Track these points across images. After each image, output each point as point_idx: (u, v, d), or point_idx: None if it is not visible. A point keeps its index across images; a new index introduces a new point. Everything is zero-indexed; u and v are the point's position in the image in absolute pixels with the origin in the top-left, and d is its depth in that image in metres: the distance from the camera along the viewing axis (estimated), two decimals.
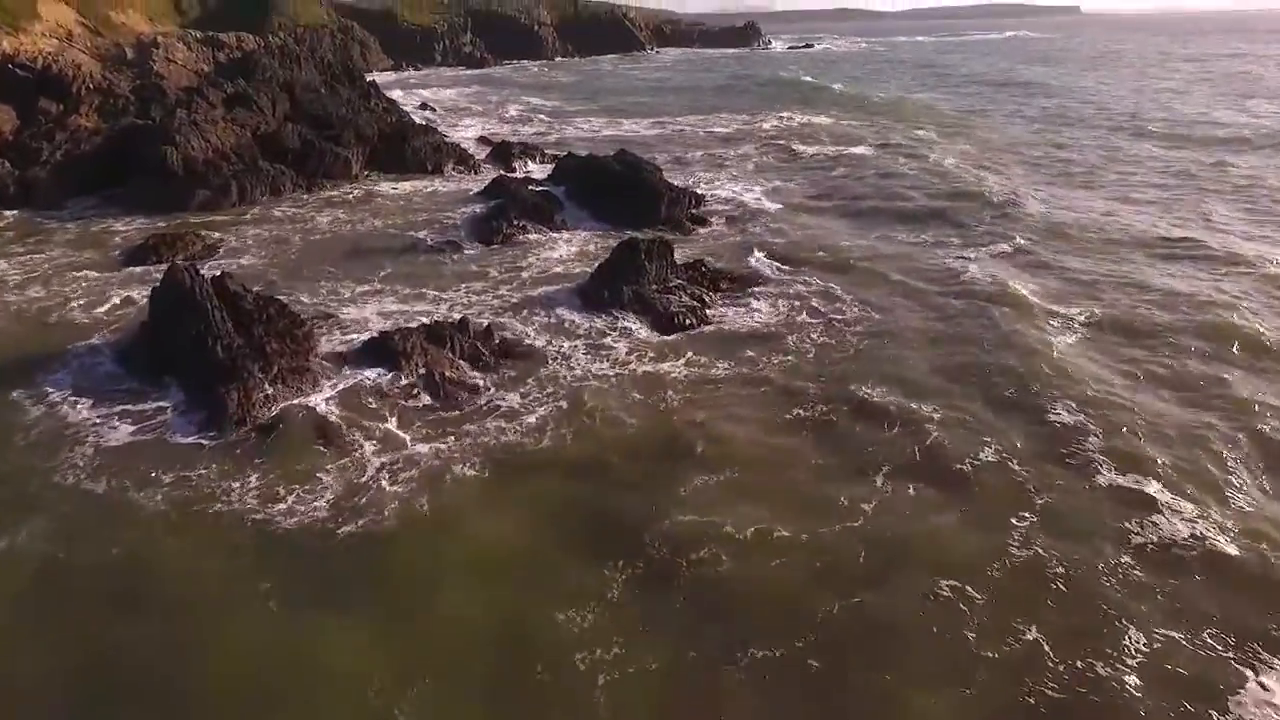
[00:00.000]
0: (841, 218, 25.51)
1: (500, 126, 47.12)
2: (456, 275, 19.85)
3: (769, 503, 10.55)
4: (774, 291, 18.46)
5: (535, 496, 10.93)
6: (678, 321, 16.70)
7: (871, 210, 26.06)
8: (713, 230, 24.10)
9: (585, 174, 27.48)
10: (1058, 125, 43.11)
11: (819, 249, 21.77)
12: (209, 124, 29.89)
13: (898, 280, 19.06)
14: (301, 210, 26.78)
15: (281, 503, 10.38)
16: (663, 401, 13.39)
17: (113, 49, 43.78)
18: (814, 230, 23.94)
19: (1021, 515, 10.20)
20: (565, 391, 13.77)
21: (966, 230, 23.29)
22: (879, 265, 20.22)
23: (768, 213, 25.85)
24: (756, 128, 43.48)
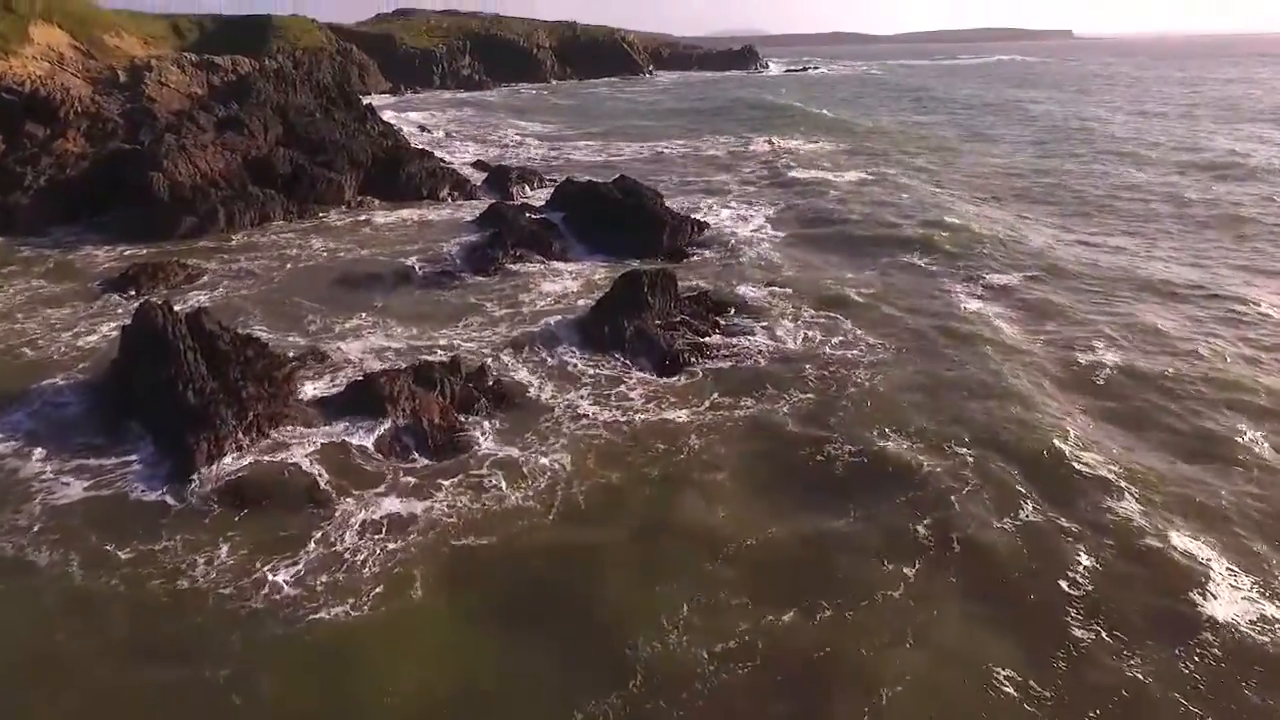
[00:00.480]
0: (838, 247, 24.54)
1: (498, 150, 46.56)
2: (451, 308, 18.94)
3: (782, 600, 9.12)
4: (776, 325, 17.55)
5: (518, 590, 9.56)
6: (681, 360, 15.80)
7: (867, 239, 25.06)
8: (712, 258, 23.28)
9: (584, 201, 26.71)
10: (1052, 153, 41.94)
11: (817, 280, 20.92)
12: (198, 149, 29.10)
13: (897, 317, 18.08)
14: (291, 238, 25.92)
15: (248, 576, 9.30)
16: (668, 462, 12.29)
17: (105, 72, 43.20)
18: (812, 260, 23.10)
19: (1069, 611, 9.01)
20: (563, 444, 12.76)
21: (963, 264, 22.17)
22: (877, 299, 19.29)
23: (766, 240, 25.09)
24: (753, 152, 43.07)
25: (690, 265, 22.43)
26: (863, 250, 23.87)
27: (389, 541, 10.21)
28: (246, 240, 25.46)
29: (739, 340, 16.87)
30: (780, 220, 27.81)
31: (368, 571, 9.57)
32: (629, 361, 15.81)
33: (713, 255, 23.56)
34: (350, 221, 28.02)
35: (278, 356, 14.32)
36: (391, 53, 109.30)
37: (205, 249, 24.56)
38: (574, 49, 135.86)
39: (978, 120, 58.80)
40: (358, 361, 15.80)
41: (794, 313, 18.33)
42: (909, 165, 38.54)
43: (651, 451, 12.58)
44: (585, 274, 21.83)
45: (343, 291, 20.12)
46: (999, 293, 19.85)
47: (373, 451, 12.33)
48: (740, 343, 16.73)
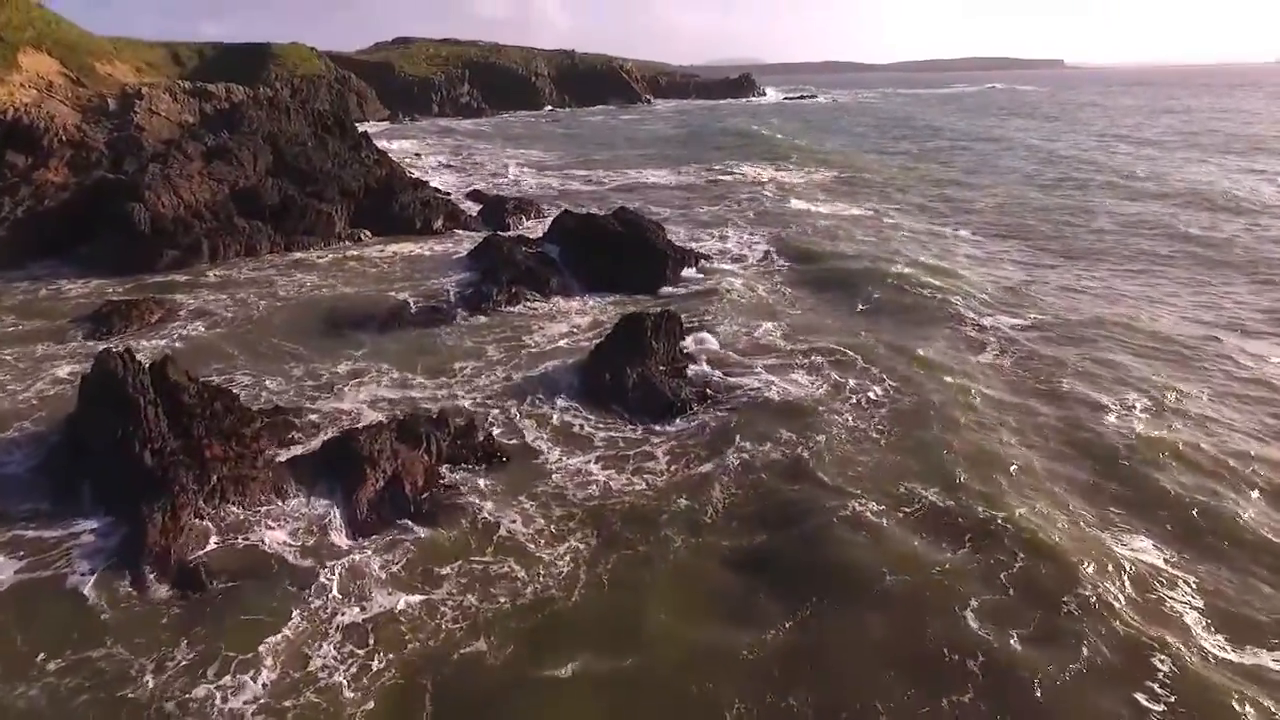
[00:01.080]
0: (834, 285, 22.93)
1: (494, 179, 45.78)
2: (442, 352, 17.76)
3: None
4: (777, 369, 16.37)
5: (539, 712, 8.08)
6: (688, 408, 14.64)
7: (863, 277, 23.34)
8: (712, 293, 22.07)
9: (583, 233, 25.67)
10: (1053, 190, 39.79)
11: (814, 322, 19.71)
12: (183, 178, 28.14)
13: (902, 368, 16.36)
14: (277, 272, 24.84)
15: (200, 695, 7.94)
16: (689, 532, 11.06)
17: (95, 100, 42.40)
18: (807, 299, 21.86)
19: None
20: (569, 512, 11.51)
21: (961, 308, 20.36)
22: (874, 343, 17.82)
23: (763, 276, 23.82)
24: (750, 182, 42.18)
25: (689, 300, 21.33)
26: (858, 290, 22.03)
27: (378, 650, 8.64)
28: (230, 275, 24.36)
29: (747, 381, 15.72)
30: (777, 255, 26.35)
31: (351, 692, 8.07)
32: (632, 411, 14.65)
33: (712, 290, 22.29)
34: (340, 255, 26.96)
35: (248, 411, 13.11)
36: (390, 81, 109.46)
37: (186, 284, 23.45)
38: (573, 77, 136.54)
39: (977, 153, 58.04)
40: (339, 412, 14.60)
41: (791, 356, 17.12)
42: (907, 200, 37.54)
43: (669, 515, 11.35)
44: (584, 312, 20.74)
45: (329, 332, 18.95)
46: (999, 341, 18.13)
47: (351, 524, 11.08)
48: (749, 386, 15.56)
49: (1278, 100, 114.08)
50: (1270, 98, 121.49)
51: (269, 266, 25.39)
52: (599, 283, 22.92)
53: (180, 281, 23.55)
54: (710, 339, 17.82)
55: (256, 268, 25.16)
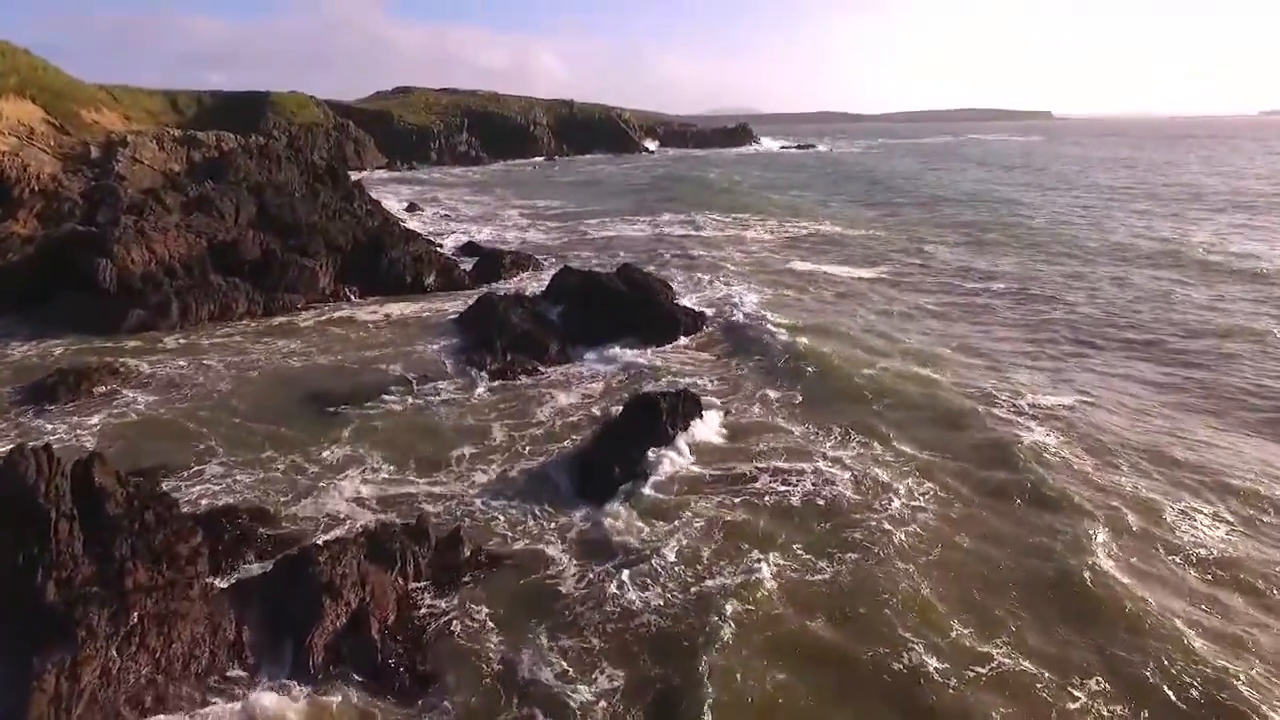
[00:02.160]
0: (843, 362, 19.69)
1: (491, 229, 44.25)
2: (434, 435, 15.58)
3: None
4: (800, 456, 14.28)
5: None
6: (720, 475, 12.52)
7: (882, 349, 20.77)
8: (723, 361, 20.09)
9: (585, 292, 23.80)
10: (1064, 257, 34.90)
11: (840, 389, 17.54)
12: (157, 231, 26.34)
13: (939, 469, 13.87)
14: (252, 336, 22.80)
15: None
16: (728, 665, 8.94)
17: (78, 148, 40.89)
18: (818, 371, 18.96)
19: None
20: (577, 649, 9.34)
21: (1000, 386, 17.77)
22: (912, 426, 15.50)
23: (776, 339, 20.96)
24: (755, 236, 40.36)
25: (704, 366, 19.33)
26: (864, 375, 19.91)
27: None
28: (200, 339, 22.29)
29: (768, 466, 13.62)
30: (784, 310, 24.08)
31: None
32: (647, 512, 12.50)
33: (723, 357, 20.30)
34: (323, 317, 24.95)
35: (186, 522, 10.87)
36: (389, 129, 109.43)
37: (150, 348, 21.38)
38: (571, 126, 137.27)
39: (995, 212, 56.37)
40: (309, 517, 12.39)
41: (816, 433, 15.07)
42: (925, 260, 35.75)
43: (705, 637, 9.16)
44: (589, 382, 18.67)
45: (304, 412, 16.78)
46: (1056, 423, 15.74)
47: (299, 684, 8.81)
48: (770, 472, 13.44)
49: (1228, 152, 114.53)
50: (1222, 150, 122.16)
51: (244, 329, 23.36)
52: (606, 347, 20.95)
53: (144, 346, 21.47)
54: (715, 417, 15.68)
55: (230, 331, 23.11)
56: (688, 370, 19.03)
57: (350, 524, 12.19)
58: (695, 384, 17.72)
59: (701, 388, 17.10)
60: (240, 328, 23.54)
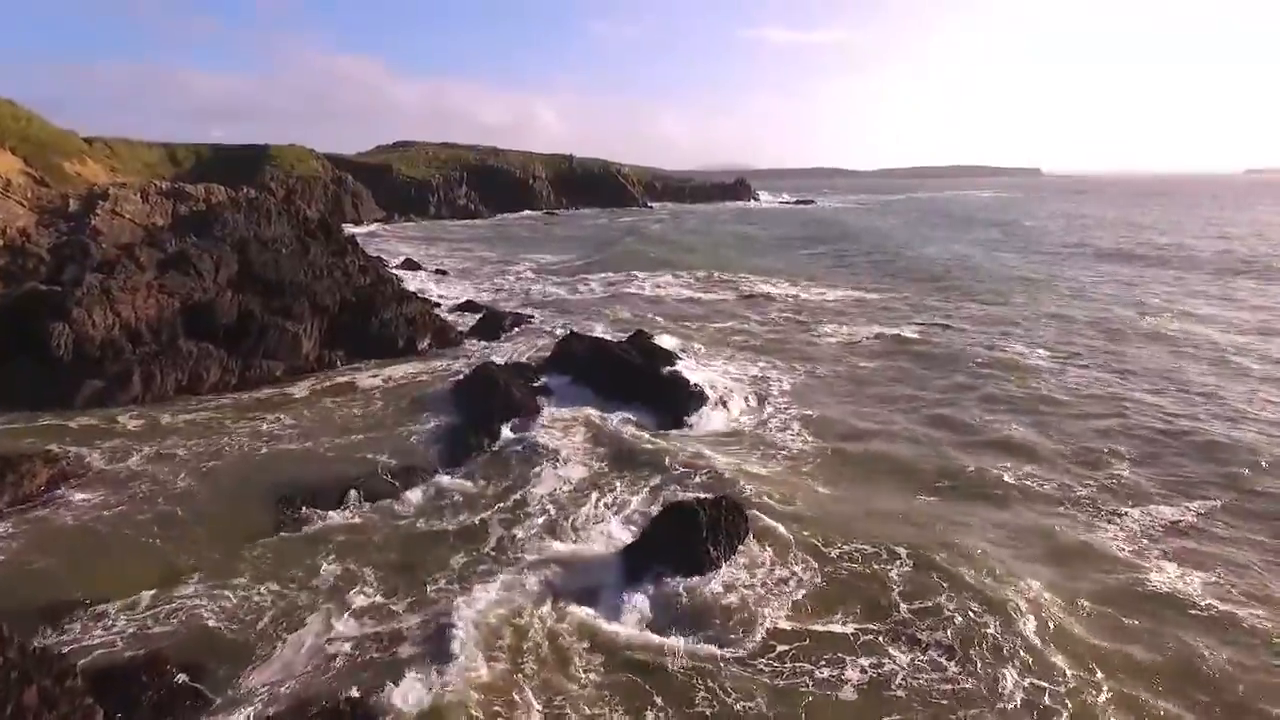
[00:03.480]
0: (882, 456, 17.05)
1: (490, 285, 42.21)
2: (412, 550, 12.95)
3: None
4: (851, 585, 11.72)
5: None
6: (770, 648, 9.92)
7: (929, 440, 17.87)
8: (743, 448, 17.58)
9: (592, 362, 21.48)
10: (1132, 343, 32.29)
11: (866, 507, 14.75)
12: (126, 291, 24.04)
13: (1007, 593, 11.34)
14: (221, 412, 20.26)
15: None
16: None
17: (56, 201, 38.91)
18: (852, 473, 16.19)
19: None
20: None
21: (1084, 498, 15.04)
22: (974, 548, 12.68)
23: (790, 430, 18.38)
24: (766, 298, 37.86)
25: (720, 454, 16.77)
26: (922, 457, 16.77)
27: None
28: (163, 415, 19.74)
29: (818, 597, 11.02)
30: (803, 398, 20.98)
31: None
32: (692, 646, 9.89)
33: (739, 444, 17.64)
34: (301, 389, 22.47)
35: (81, 701, 8.18)
36: (388, 182, 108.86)
37: (103, 428, 18.81)
38: (570, 180, 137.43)
39: (1023, 291, 55.37)
40: (255, 692, 9.69)
41: (849, 556, 12.51)
42: (958, 323, 33.59)
43: None
44: (601, 470, 16.14)
45: (268, 518, 14.06)
46: (1180, 541, 13.17)
47: None
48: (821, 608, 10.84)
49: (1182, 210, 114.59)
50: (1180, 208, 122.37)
51: (211, 405, 20.82)
52: (617, 424, 18.48)
53: (96, 425, 18.90)
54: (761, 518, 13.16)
55: (197, 405, 20.57)
56: (718, 463, 16.47)
57: (313, 689, 9.50)
58: (730, 471, 15.24)
59: (738, 488, 14.53)
60: (209, 402, 21.03)
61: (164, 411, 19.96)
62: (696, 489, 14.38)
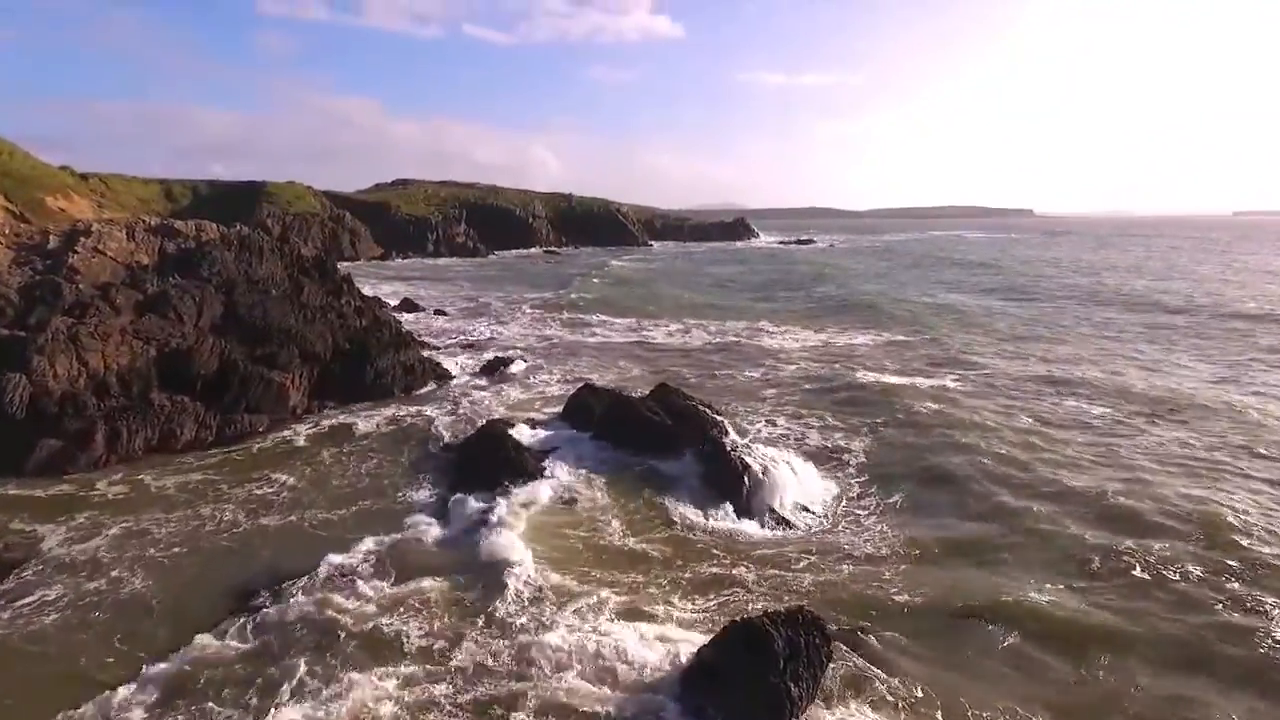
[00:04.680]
0: (960, 524, 15.13)
1: (492, 326, 40.08)
2: (407, 660, 10.59)
3: None
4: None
5: None
6: None
7: (995, 515, 15.46)
8: (816, 536, 15.23)
9: (611, 420, 19.19)
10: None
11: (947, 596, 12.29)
12: (96, 337, 21.87)
13: None
14: (194, 475, 17.91)
15: None
16: None
17: (36, 237, 36.80)
18: (934, 556, 13.97)
19: None
20: None
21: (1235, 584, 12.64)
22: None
23: (866, 522, 15.56)
24: (793, 345, 35.63)
25: (779, 547, 14.39)
26: (1010, 530, 14.73)
27: None
28: (125, 480, 17.39)
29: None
30: (870, 468, 18.16)
31: None
32: None
33: (804, 540, 14.78)
34: (285, 447, 20.12)
35: None
36: (386, 219, 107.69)
37: (54, 497, 16.42)
38: (570, 219, 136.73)
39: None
40: None
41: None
42: (1018, 375, 31.04)
43: None
44: (627, 557, 13.77)
45: (229, 623, 11.69)
46: None
47: None
48: None
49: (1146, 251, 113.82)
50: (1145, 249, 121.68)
51: (184, 465, 18.48)
52: (645, 499, 16.17)
53: (45, 495, 16.51)
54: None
55: (163, 470, 18.17)
56: (781, 563, 14.07)
57: None
58: (798, 576, 12.91)
59: (811, 596, 12.14)
60: (179, 463, 18.66)
61: (127, 474, 17.59)
62: (761, 596, 12.02)
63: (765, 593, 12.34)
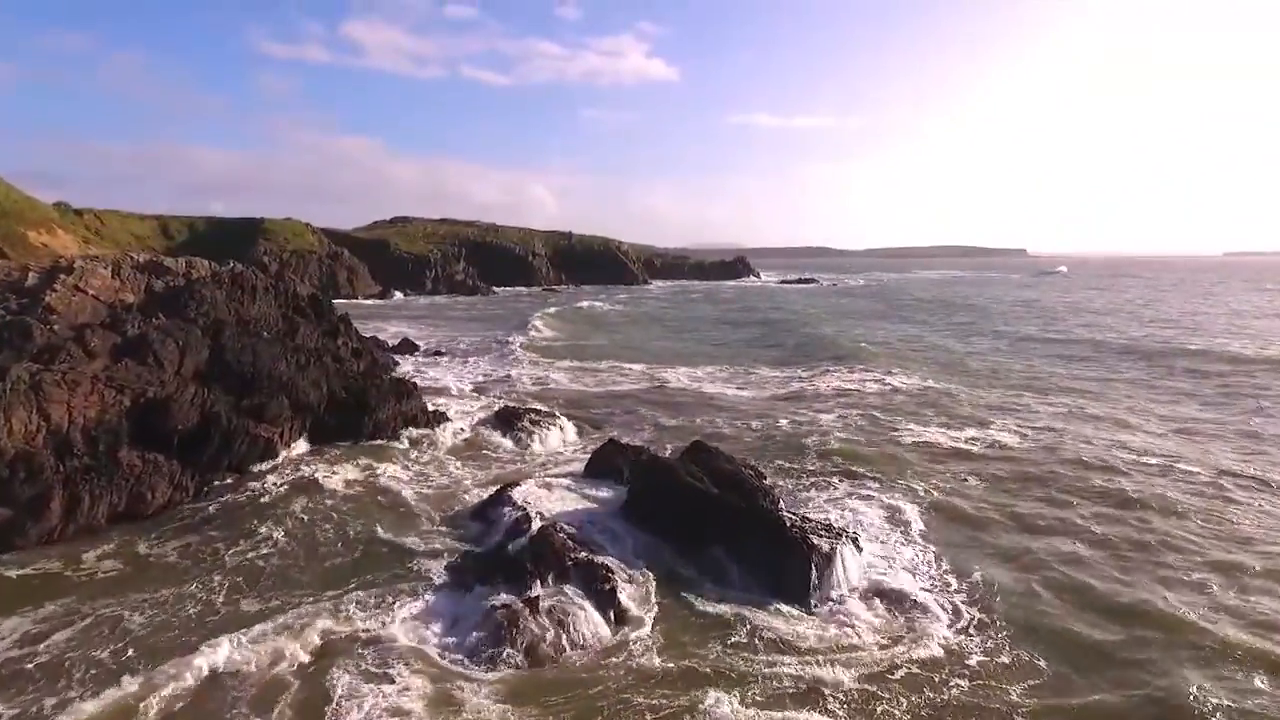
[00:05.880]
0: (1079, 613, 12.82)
1: (496, 370, 37.81)
2: None
3: None
4: None
5: None
6: None
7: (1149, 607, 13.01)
8: (906, 647, 12.71)
9: (650, 491, 16.67)
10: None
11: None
12: (63, 386, 19.54)
13: None
14: (163, 546, 15.43)
15: None
16: None
17: (15, 273, 34.60)
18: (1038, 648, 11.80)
19: None
20: None
21: None
22: None
23: (968, 598, 13.36)
24: (821, 389, 33.33)
25: (868, 665, 11.89)
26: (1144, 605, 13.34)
27: None
28: (79, 557, 14.89)
29: None
30: (952, 552, 15.32)
31: None
32: None
33: (897, 653, 11.97)
34: (269, 511, 17.60)
35: None
36: (385, 257, 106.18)
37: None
38: (570, 257, 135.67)
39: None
40: None
41: None
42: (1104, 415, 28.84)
43: None
44: (686, 670, 11.32)
45: None
46: None
47: None
48: None
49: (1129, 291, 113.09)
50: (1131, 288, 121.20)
51: (151, 535, 15.99)
52: (692, 588, 13.73)
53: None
54: None
55: (127, 540, 15.70)
56: (856, 660, 11.65)
57: None
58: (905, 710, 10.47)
59: None
60: (148, 532, 16.17)
61: (84, 548, 15.10)
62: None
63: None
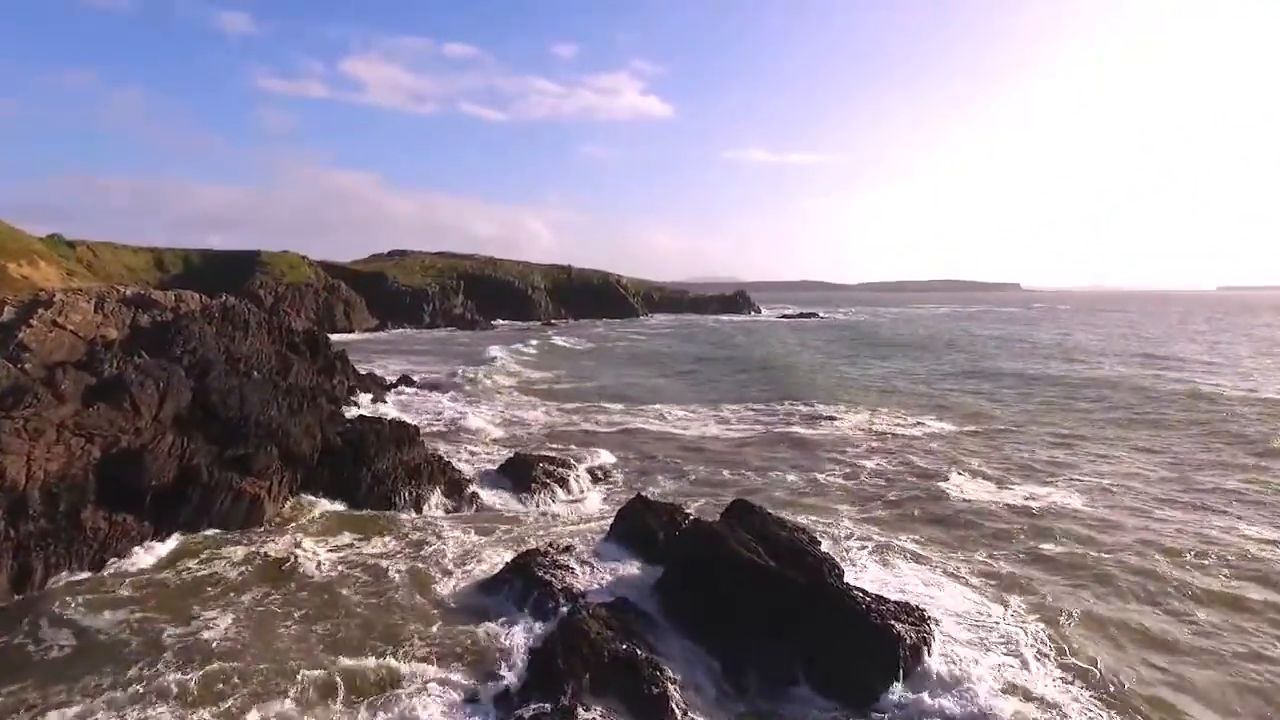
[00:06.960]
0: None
1: (501, 412, 35.68)
2: None
3: None
4: None
5: None
6: None
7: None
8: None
9: (695, 564, 14.46)
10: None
11: None
12: (23, 436, 17.38)
13: None
14: (122, 619, 13.18)
15: None
16: None
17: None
18: None
19: None
20: None
21: None
22: None
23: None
24: (845, 433, 31.05)
25: None
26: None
27: None
28: (25, 638, 12.64)
29: None
30: (1059, 636, 13.03)
31: None
32: None
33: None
34: (248, 582, 15.36)
35: None
36: (382, 290, 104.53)
37: None
38: (569, 290, 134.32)
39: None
40: None
41: None
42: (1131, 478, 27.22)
43: None
44: None
45: None
46: None
47: None
48: None
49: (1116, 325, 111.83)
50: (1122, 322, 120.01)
51: (122, 599, 13.73)
52: (745, 683, 11.54)
53: None
54: None
55: (89, 607, 13.44)
56: None
57: None
58: None
59: None
60: (119, 596, 13.90)
61: (30, 619, 12.81)
62: None
63: None
